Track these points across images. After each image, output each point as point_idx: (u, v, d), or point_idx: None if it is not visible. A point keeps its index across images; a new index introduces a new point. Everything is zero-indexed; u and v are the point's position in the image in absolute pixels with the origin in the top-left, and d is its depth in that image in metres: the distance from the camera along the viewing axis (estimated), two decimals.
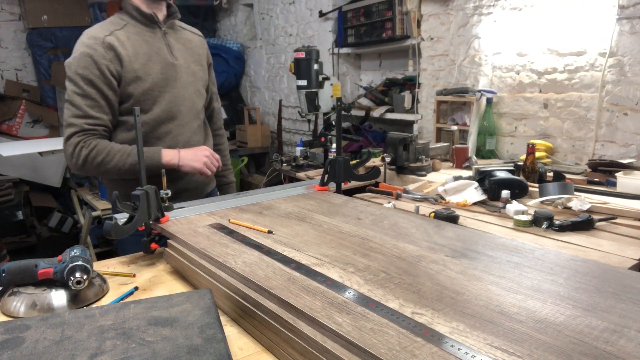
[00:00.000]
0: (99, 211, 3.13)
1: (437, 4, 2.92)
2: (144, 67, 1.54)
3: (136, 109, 1.17)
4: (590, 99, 2.25)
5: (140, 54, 1.54)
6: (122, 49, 1.51)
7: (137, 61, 1.53)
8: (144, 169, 1.21)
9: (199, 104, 1.72)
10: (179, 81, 1.62)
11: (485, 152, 2.62)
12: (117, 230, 1.10)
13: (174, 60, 1.61)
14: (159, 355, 0.68)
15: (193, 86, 1.67)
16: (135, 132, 1.18)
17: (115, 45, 1.50)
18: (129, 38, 1.54)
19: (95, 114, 1.50)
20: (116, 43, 1.51)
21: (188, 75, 1.65)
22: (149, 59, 1.55)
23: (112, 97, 1.52)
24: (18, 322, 0.78)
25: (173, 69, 1.60)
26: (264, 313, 0.81)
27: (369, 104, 3.59)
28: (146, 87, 1.54)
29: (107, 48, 1.50)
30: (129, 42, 1.54)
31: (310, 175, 2.50)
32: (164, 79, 1.58)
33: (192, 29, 1.77)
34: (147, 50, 1.56)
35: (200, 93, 1.72)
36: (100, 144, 1.50)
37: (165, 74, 1.58)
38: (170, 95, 1.60)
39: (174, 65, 1.61)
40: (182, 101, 1.63)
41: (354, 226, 1.18)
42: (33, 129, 5.03)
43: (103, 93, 1.50)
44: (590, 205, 1.50)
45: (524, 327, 0.68)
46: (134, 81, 1.53)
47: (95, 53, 1.49)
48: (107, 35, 1.51)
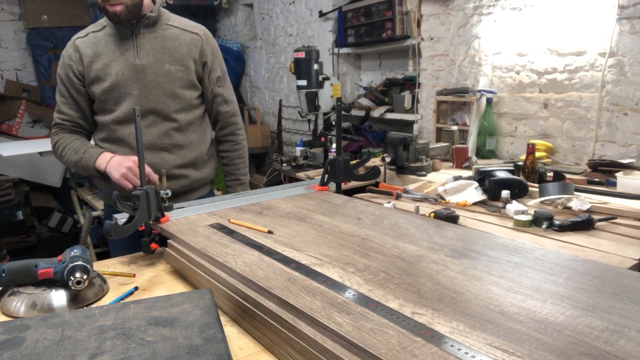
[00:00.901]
0: (99, 211, 3.12)
1: (437, 4, 2.92)
2: (105, 68, 1.57)
3: (136, 108, 1.17)
4: (590, 99, 2.25)
5: (104, 54, 1.57)
6: (85, 50, 1.58)
7: (99, 62, 1.57)
8: (144, 168, 1.21)
9: (172, 106, 1.62)
10: (141, 82, 1.57)
11: (485, 152, 2.62)
12: (117, 230, 1.10)
13: (135, 61, 1.57)
14: (159, 355, 0.68)
15: (162, 87, 1.59)
16: (135, 132, 1.18)
17: (80, 47, 1.58)
18: (99, 40, 1.59)
19: (65, 110, 1.63)
20: (83, 44, 1.59)
21: (157, 76, 1.58)
22: (113, 60, 1.57)
23: (78, 96, 1.61)
24: (18, 322, 0.78)
25: (135, 70, 1.57)
26: (264, 313, 0.81)
27: (369, 104, 3.59)
28: (105, 87, 1.57)
29: (74, 49, 1.59)
30: (97, 44, 1.59)
31: (310, 175, 2.50)
32: (125, 80, 1.57)
33: (186, 27, 1.67)
34: (112, 51, 1.58)
35: (174, 94, 1.61)
36: (62, 138, 1.63)
37: (126, 75, 1.56)
38: (132, 97, 1.58)
39: (136, 66, 1.57)
40: (146, 103, 1.58)
41: (354, 226, 1.18)
42: (33, 129, 5.03)
43: (70, 92, 1.61)
44: (590, 205, 1.50)
45: (524, 327, 0.68)
46: (95, 81, 1.58)
47: (66, 54, 1.60)
48: (80, 37, 1.61)
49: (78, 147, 1.60)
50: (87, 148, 1.59)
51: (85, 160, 1.56)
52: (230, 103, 1.79)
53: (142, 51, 1.58)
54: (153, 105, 1.60)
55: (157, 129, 1.62)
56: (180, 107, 1.64)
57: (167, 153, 1.64)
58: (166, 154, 1.64)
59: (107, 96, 1.59)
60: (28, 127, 4.99)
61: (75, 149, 1.60)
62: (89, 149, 1.59)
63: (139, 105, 1.57)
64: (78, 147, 1.60)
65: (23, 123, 4.95)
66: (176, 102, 1.63)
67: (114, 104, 1.60)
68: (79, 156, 1.58)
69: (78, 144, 1.62)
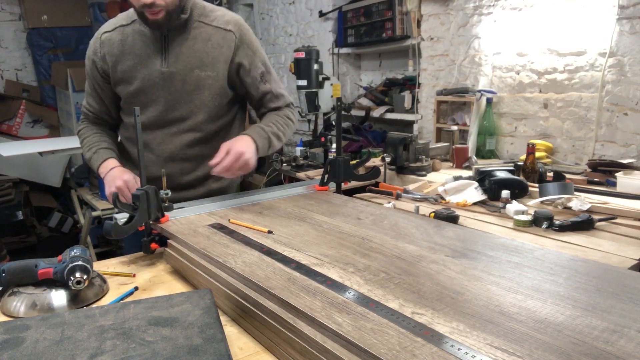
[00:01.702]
0: (99, 211, 3.13)
1: (437, 4, 2.92)
2: (131, 71, 1.47)
3: (136, 108, 1.17)
4: (590, 99, 2.25)
5: (130, 55, 1.47)
6: (111, 48, 1.48)
7: (125, 63, 1.47)
8: (143, 168, 1.21)
9: (199, 116, 1.52)
10: (167, 90, 1.49)
11: (485, 152, 2.62)
12: (117, 230, 1.10)
13: (163, 68, 1.47)
14: (159, 355, 0.68)
15: (190, 96, 1.50)
16: (136, 132, 1.18)
17: (106, 44, 1.49)
18: (126, 37, 1.47)
19: (91, 101, 1.60)
20: (109, 41, 1.48)
21: (184, 84, 1.49)
22: (139, 63, 1.47)
23: (102, 91, 1.56)
24: (18, 322, 0.78)
25: (162, 77, 1.47)
26: (264, 313, 0.81)
27: (369, 104, 3.59)
28: (131, 91, 1.49)
29: (100, 45, 1.50)
30: (124, 42, 1.47)
31: (310, 175, 2.50)
32: (151, 87, 1.48)
33: (219, 23, 1.51)
34: (140, 52, 1.47)
35: (202, 103, 1.51)
36: (84, 129, 1.62)
37: (152, 81, 1.47)
38: (159, 104, 1.50)
39: (163, 73, 1.47)
40: (172, 111, 1.51)
41: (354, 226, 1.18)
42: (33, 129, 5.03)
43: (94, 86, 1.56)
44: (590, 205, 1.50)
45: (524, 327, 0.68)
46: (120, 83, 1.51)
47: (91, 48, 1.53)
48: (107, 30, 1.50)
49: (92, 144, 1.57)
50: (98, 148, 1.54)
51: (93, 161, 1.54)
52: (280, 97, 1.63)
53: (171, 56, 1.47)
54: (179, 115, 1.51)
55: (180, 139, 1.53)
56: (208, 117, 1.54)
57: (188, 164, 1.57)
58: (187, 165, 1.57)
59: (133, 99, 1.50)
60: (28, 127, 4.99)
61: (90, 145, 1.56)
62: (100, 150, 1.54)
63: (162, 113, 1.50)
64: (92, 144, 1.57)
65: (23, 123, 4.95)
66: (203, 112, 1.53)
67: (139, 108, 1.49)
68: (89, 154, 1.56)
69: (95, 139, 1.57)
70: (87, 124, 1.63)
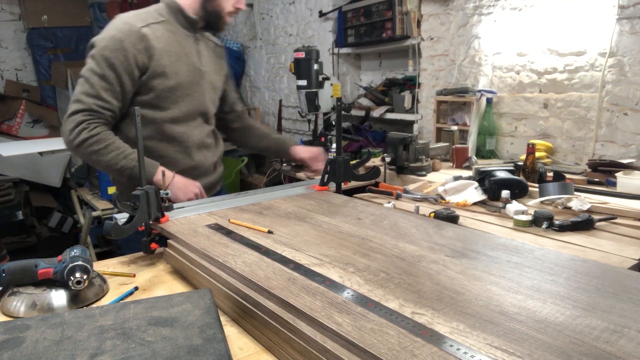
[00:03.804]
0: (99, 211, 3.13)
1: (437, 4, 2.92)
2: (173, 65, 1.55)
3: (136, 109, 1.17)
4: (590, 99, 2.25)
5: (171, 51, 1.56)
6: (155, 42, 1.51)
7: (168, 58, 1.54)
8: (143, 168, 1.21)
9: (212, 110, 1.77)
10: (201, 87, 1.66)
11: (485, 152, 2.62)
12: (117, 230, 1.10)
13: (200, 66, 1.65)
14: (159, 355, 0.68)
15: (210, 94, 1.72)
16: (135, 132, 1.18)
17: (149, 37, 1.50)
18: (163, 34, 1.55)
19: (107, 97, 1.48)
20: (151, 35, 1.51)
21: (208, 83, 1.70)
22: (178, 59, 1.57)
23: (128, 86, 1.50)
24: (18, 322, 0.78)
25: (199, 74, 1.64)
26: (264, 313, 0.81)
27: (369, 104, 3.59)
28: (170, 85, 1.56)
29: (140, 38, 1.49)
30: (163, 38, 1.54)
31: (310, 175, 2.50)
32: (189, 82, 1.61)
33: (215, 40, 1.82)
34: (178, 49, 1.57)
35: (214, 101, 1.78)
36: (103, 133, 1.47)
37: (191, 77, 1.61)
38: (191, 99, 1.63)
39: (200, 70, 1.64)
40: (199, 106, 1.67)
41: (354, 226, 1.18)
42: (33, 129, 5.03)
43: (121, 80, 1.48)
44: (590, 205, 1.50)
45: (524, 327, 0.68)
46: (159, 76, 1.53)
47: (127, 40, 1.47)
48: (143, 26, 1.51)
49: (127, 153, 1.48)
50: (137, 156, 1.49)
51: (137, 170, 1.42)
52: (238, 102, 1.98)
53: (202, 57, 1.67)
54: (204, 109, 1.70)
55: (202, 130, 1.72)
56: (214, 111, 1.80)
57: (207, 151, 1.76)
58: (207, 152, 1.76)
59: (168, 94, 1.56)
60: (28, 127, 4.99)
61: (124, 154, 1.47)
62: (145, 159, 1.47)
63: (192, 107, 1.64)
64: (127, 153, 1.48)
65: (23, 123, 4.95)
66: (214, 107, 1.78)
67: (172, 102, 1.58)
68: (129, 163, 1.46)
69: (123, 147, 1.49)
70: (103, 128, 1.48)
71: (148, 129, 1.57)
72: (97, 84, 1.46)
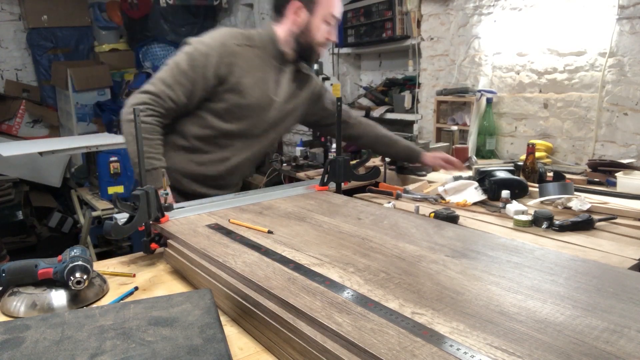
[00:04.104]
0: (99, 211, 3.12)
1: (437, 4, 2.92)
2: (250, 87, 1.62)
3: (136, 109, 1.17)
4: (590, 99, 2.25)
5: (252, 74, 1.62)
6: (241, 61, 1.60)
7: (247, 79, 1.61)
8: (143, 169, 1.21)
9: (269, 137, 1.78)
10: (267, 114, 1.70)
11: (485, 152, 2.62)
12: (117, 230, 1.10)
13: (274, 96, 1.69)
14: (159, 355, 0.68)
15: (274, 120, 1.73)
16: (135, 132, 1.18)
17: (237, 56, 1.59)
18: (250, 57, 1.63)
19: (178, 90, 1.55)
20: (240, 54, 1.60)
21: (277, 112, 1.72)
22: (256, 83, 1.63)
23: (199, 90, 1.57)
24: (18, 322, 0.78)
25: (268, 102, 1.68)
26: (264, 313, 0.81)
27: (369, 104, 3.59)
28: (241, 103, 1.62)
29: (230, 53, 1.58)
30: (250, 60, 1.62)
31: (310, 175, 2.50)
32: (258, 107, 1.66)
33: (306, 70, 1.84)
34: (259, 75, 1.64)
35: (277, 128, 1.78)
36: (151, 126, 1.52)
37: (261, 103, 1.66)
38: (252, 122, 1.68)
39: (271, 100, 1.68)
40: (256, 131, 1.71)
41: (354, 226, 1.18)
42: (33, 129, 5.03)
43: (195, 82, 1.55)
44: (590, 205, 1.50)
45: (524, 327, 0.68)
46: (234, 91, 1.60)
47: (218, 50, 1.56)
48: (237, 44, 1.61)
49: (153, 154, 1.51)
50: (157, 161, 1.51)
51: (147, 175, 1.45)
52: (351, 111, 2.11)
53: (280, 87, 1.71)
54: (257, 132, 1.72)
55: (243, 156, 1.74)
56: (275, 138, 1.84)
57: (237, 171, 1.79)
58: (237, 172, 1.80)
59: (235, 110, 1.63)
60: (28, 127, 4.99)
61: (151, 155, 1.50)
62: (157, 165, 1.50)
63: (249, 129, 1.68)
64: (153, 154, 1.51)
65: (23, 123, 4.95)
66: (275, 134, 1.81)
67: (235, 118, 1.64)
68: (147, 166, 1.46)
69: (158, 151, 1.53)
70: (158, 120, 1.54)
71: (205, 130, 1.65)
72: (175, 76, 1.54)
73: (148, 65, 5.25)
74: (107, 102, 5.02)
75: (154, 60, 5.21)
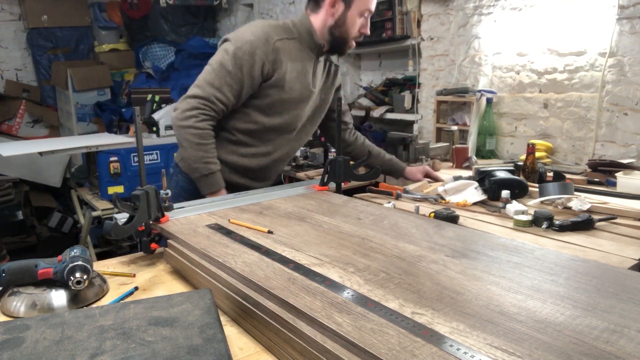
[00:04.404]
0: (99, 211, 3.12)
1: (437, 4, 2.92)
2: (292, 81, 1.63)
3: (136, 108, 1.17)
4: (590, 99, 2.25)
5: (295, 68, 1.64)
6: (284, 57, 1.61)
7: (290, 73, 1.62)
8: (144, 168, 1.21)
9: (307, 130, 1.82)
10: (306, 106, 1.73)
11: (485, 152, 2.62)
12: (117, 230, 1.10)
13: (312, 88, 1.71)
14: (159, 355, 0.68)
15: (311, 112, 1.77)
16: (135, 132, 1.18)
17: (280, 51, 1.60)
18: (292, 50, 1.64)
19: (227, 92, 1.57)
20: (283, 50, 1.61)
21: (313, 102, 1.76)
22: (297, 77, 1.65)
23: (248, 88, 1.59)
24: (18, 322, 0.78)
25: (308, 95, 1.71)
26: (264, 313, 0.81)
27: (369, 104, 3.59)
28: (284, 97, 1.64)
29: (274, 50, 1.58)
30: (292, 54, 1.63)
31: (310, 175, 2.50)
32: (299, 100, 1.69)
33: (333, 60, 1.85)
34: (300, 68, 1.65)
35: (313, 120, 1.82)
36: (206, 131, 1.56)
37: (302, 95, 1.69)
38: (294, 115, 1.70)
39: (310, 92, 1.71)
40: (297, 123, 1.74)
41: (354, 226, 1.18)
42: (33, 129, 5.03)
43: (243, 81, 1.57)
44: (590, 205, 1.50)
45: (524, 327, 0.68)
46: (277, 86, 1.61)
47: (261, 48, 1.56)
48: (278, 39, 1.60)
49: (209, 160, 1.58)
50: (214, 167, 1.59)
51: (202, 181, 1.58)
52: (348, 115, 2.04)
53: (316, 79, 1.73)
54: (300, 125, 1.75)
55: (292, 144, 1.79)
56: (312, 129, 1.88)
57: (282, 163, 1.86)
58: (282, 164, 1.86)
59: (278, 104, 1.64)
60: (28, 127, 4.99)
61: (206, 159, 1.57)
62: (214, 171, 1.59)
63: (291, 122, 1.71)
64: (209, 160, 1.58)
65: (23, 123, 4.95)
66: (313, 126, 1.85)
67: (278, 112, 1.66)
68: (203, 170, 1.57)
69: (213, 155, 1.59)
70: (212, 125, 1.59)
71: (249, 125, 1.68)
72: (222, 77, 1.55)
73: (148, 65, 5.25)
74: (107, 102, 5.02)
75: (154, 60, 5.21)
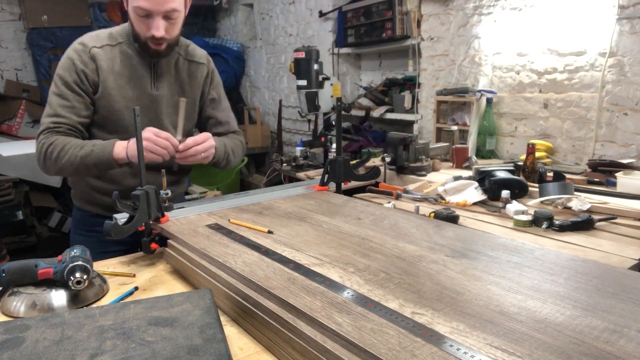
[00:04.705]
0: None
1: (437, 4, 2.92)
2: (120, 89, 1.52)
3: (136, 108, 1.17)
4: (590, 99, 2.25)
5: (121, 74, 1.53)
6: (103, 63, 1.51)
7: (115, 81, 1.52)
8: (144, 168, 1.21)
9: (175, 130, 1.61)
10: (155, 112, 1.59)
11: (485, 152, 2.62)
12: (117, 230, 1.10)
13: (152, 91, 1.58)
14: (159, 355, 0.68)
15: (170, 118, 1.62)
16: (135, 132, 1.18)
17: (98, 58, 1.50)
18: (115, 56, 1.53)
19: (65, 113, 1.48)
20: (101, 57, 1.51)
21: (168, 107, 1.61)
22: (128, 83, 1.54)
23: (84, 103, 1.50)
24: (18, 322, 0.78)
25: (151, 99, 1.57)
26: (264, 313, 0.81)
27: (369, 104, 3.59)
28: (116, 108, 1.52)
29: (90, 58, 1.50)
30: (114, 60, 1.53)
31: (310, 175, 2.50)
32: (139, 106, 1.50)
33: (194, 57, 1.68)
34: (129, 73, 1.54)
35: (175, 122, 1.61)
36: (58, 139, 1.46)
37: (142, 101, 1.55)
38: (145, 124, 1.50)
39: (152, 95, 1.58)
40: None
41: (354, 226, 1.18)
42: (33, 129, 5.02)
43: (79, 96, 1.49)
44: (590, 205, 1.50)
45: (524, 327, 0.68)
46: (106, 97, 1.51)
47: (79, 60, 1.49)
48: (96, 46, 1.51)
49: (83, 143, 1.46)
50: (94, 141, 1.46)
51: (96, 153, 1.43)
52: (225, 124, 1.78)
53: (158, 81, 1.59)
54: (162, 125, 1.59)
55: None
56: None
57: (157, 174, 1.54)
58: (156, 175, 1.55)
59: (114, 117, 1.52)
60: (28, 127, 4.99)
61: (80, 145, 1.45)
62: (97, 142, 1.46)
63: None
64: (83, 143, 1.46)
65: (23, 123, 4.95)
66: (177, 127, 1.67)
67: (118, 125, 1.54)
68: (87, 150, 1.43)
69: (80, 141, 1.47)
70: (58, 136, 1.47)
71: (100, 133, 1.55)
72: (55, 103, 1.50)
73: None
74: None
75: None
